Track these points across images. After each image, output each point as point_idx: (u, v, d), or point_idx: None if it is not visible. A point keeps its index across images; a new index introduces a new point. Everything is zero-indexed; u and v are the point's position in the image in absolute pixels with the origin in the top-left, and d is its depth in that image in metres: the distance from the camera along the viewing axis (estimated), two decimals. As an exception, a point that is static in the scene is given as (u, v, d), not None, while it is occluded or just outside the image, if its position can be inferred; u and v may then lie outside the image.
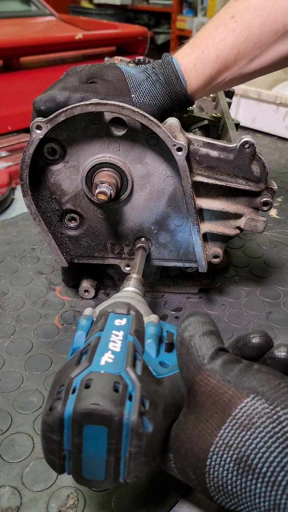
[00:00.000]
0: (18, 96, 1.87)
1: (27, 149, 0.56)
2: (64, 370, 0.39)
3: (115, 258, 0.69)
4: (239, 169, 0.60)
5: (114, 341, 0.39)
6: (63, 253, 0.67)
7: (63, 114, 0.54)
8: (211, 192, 0.62)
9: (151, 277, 0.76)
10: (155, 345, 0.42)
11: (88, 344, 0.40)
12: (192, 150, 0.58)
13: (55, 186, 0.62)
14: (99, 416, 0.33)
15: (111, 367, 0.36)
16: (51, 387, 0.38)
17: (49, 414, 0.35)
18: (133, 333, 0.41)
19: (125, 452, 0.35)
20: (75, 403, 0.34)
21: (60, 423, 0.34)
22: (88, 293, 0.75)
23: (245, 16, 0.57)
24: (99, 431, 0.34)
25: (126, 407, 0.34)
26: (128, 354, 0.38)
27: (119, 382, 0.35)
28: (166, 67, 0.58)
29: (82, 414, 0.33)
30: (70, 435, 0.34)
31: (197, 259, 0.66)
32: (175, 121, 0.57)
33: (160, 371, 0.40)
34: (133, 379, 0.36)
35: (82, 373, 0.36)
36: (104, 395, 0.34)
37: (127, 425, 0.34)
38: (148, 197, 0.62)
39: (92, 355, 0.38)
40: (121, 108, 0.53)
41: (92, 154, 0.59)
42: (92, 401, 0.33)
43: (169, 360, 0.42)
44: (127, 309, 0.44)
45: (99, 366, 0.36)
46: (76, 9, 4.64)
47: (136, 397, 0.35)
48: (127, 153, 0.59)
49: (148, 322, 0.44)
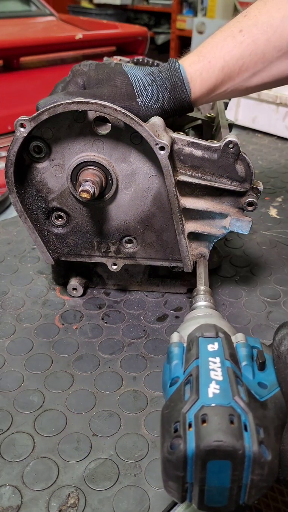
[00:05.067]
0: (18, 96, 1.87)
1: (12, 147, 0.57)
2: (172, 404, 0.39)
3: (102, 257, 0.69)
4: (223, 168, 0.60)
5: (214, 369, 0.40)
6: (49, 250, 0.67)
7: (46, 112, 0.54)
8: (195, 192, 0.62)
9: (140, 277, 0.76)
10: (251, 367, 0.42)
11: (189, 375, 0.40)
12: (176, 149, 0.59)
13: (41, 184, 0.63)
14: (223, 452, 0.34)
15: (220, 398, 0.37)
16: (163, 423, 0.38)
17: (171, 452, 0.35)
18: (229, 358, 0.41)
19: (247, 480, 0.35)
20: (197, 441, 0.34)
21: (184, 461, 0.35)
22: (76, 291, 0.76)
23: (252, 31, 0.60)
24: (223, 465, 0.35)
25: (245, 439, 0.35)
26: (231, 382, 0.38)
27: (233, 414, 0.36)
28: (173, 73, 0.59)
29: (206, 451, 0.34)
30: (193, 470, 0.35)
31: (182, 259, 0.66)
32: (159, 120, 0.57)
33: (261, 393, 0.40)
34: (244, 408, 0.36)
35: (193, 407, 0.37)
36: (224, 431, 0.34)
37: (249, 456, 0.34)
38: (133, 196, 0.62)
39: (197, 386, 0.38)
40: (103, 106, 0.53)
41: (77, 152, 0.60)
42: (214, 438, 0.34)
43: (265, 379, 0.42)
44: (216, 332, 0.44)
45: (208, 399, 0.37)
46: (76, 9, 4.64)
47: (251, 427, 0.36)
48: (111, 152, 0.59)
49: (238, 343, 0.44)
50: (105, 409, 0.56)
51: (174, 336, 0.46)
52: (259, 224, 1.00)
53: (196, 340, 0.44)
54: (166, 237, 0.66)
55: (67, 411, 0.56)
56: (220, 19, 3.63)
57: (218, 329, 0.45)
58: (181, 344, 0.45)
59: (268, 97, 1.48)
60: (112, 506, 0.46)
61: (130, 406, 0.57)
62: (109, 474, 0.49)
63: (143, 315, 0.73)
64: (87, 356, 0.64)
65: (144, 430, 0.54)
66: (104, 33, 2.44)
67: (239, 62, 0.61)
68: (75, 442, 0.52)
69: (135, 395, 0.58)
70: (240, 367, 0.42)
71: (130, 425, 0.55)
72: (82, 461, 0.50)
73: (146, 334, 0.69)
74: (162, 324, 0.71)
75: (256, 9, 0.62)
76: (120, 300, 0.76)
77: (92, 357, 0.64)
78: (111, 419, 0.55)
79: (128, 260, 0.69)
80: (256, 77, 0.63)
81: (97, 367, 0.62)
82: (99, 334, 0.68)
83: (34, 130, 0.56)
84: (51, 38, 2.22)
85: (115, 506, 0.46)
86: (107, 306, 0.75)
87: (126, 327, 0.70)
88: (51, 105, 0.54)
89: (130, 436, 0.53)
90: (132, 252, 0.68)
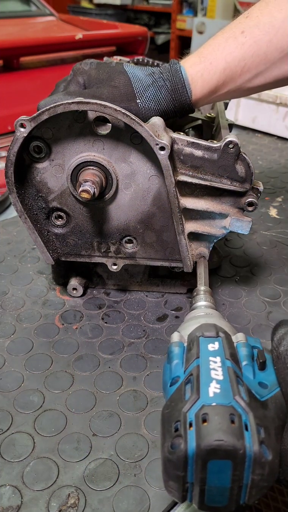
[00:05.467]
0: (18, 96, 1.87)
1: (12, 147, 0.57)
2: (172, 404, 0.39)
3: (102, 257, 0.69)
4: (223, 169, 0.60)
5: (215, 369, 0.40)
6: (49, 250, 0.67)
7: (46, 112, 0.54)
8: (195, 192, 0.62)
9: (140, 277, 0.76)
10: (251, 367, 0.42)
11: (190, 374, 0.40)
12: (176, 149, 0.59)
13: (41, 184, 0.63)
14: (224, 452, 0.34)
15: (221, 397, 0.37)
16: (164, 423, 0.38)
17: (172, 452, 0.35)
18: (229, 358, 0.41)
19: (248, 480, 0.35)
20: (198, 440, 0.34)
21: (184, 461, 0.35)
22: (76, 291, 0.76)
23: (254, 32, 0.60)
24: (224, 465, 0.35)
25: (246, 438, 0.35)
26: (232, 381, 0.38)
27: (234, 413, 0.36)
28: (174, 74, 0.59)
29: (207, 451, 0.34)
30: (194, 470, 0.35)
31: (182, 259, 0.66)
32: (159, 120, 0.57)
33: (262, 392, 0.40)
34: (244, 408, 0.36)
35: (193, 406, 0.37)
36: (224, 430, 0.34)
37: (249, 456, 0.34)
38: (133, 196, 0.62)
39: (198, 386, 0.38)
40: (103, 107, 0.53)
41: (77, 152, 0.60)
42: (215, 437, 0.34)
43: (266, 379, 0.42)
44: (216, 331, 0.44)
45: (209, 398, 0.37)
46: (76, 9, 4.64)
47: (252, 426, 0.35)
48: (111, 152, 0.59)
49: (238, 343, 0.44)
50: (105, 409, 0.56)
51: (175, 336, 0.46)
52: (259, 224, 1.00)
53: (197, 339, 0.44)
54: (166, 237, 0.66)
55: (67, 411, 0.56)
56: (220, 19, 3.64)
57: (219, 329, 0.45)
58: (182, 343, 0.45)
59: (268, 97, 1.48)
60: (112, 506, 0.46)
61: (130, 406, 0.57)
62: (109, 474, 0.49)
63: (143, 315, 0.73)
64: (87, 356, 0.64)
65: (144, 430, 0.54)
66: (104, 33, 2.44)
67: (241, 63, 0.61)
68: (75, 442, 0.52)
69: (135, 395, 0.58)
70: (241, 366, 0.42)
71: (130, 425, 0.55)
72: (82, 461, 0.50)
73: (146, 334, 0.69)
74: (162, 324, 0.71)
75: (258, 10, 0.62)
76: (120, 300, 0.76)
77: (92, 357, 0.64)
78: (111, 419, 0.55)
79: (128, 260, 0.69)
80: (258, 78, 0.63)
81: (97, 367, 0.62)
82: (99, 334, 0.68)
83: (34, 130, 0.56)
84: (51, 38, 2.22)
85: (115, 506, 0.46)
86: (107, 306, 0.75)
87: (126, 327, 0.70)
88: (51, 105, 0.54)
89: (130, 436, 0.53)
90: (132, 252, 0.68)
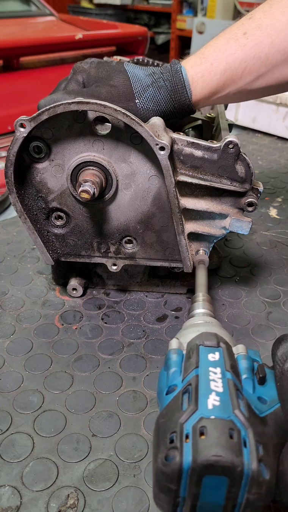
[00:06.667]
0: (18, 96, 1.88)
1: (12, 147, 0.57)
2: (168, 414, 0.37)
3: (102, 257, 0.69)
4: (223, 169, 0.60)
5: (215, 380, 0.38)
6: (49, 251, 0.67)
7: (46, 112, 0.54)
8: (195, 192, 0.62)
9: (139, 277, 0.76)
10: (251, 381, 0.41)
11: (188, 384, 0.39)
12: (176, 150, 0.59)
13: (41, 184, 0.63)
14: (221, 468, 0.33)
15: (220, 411, 0.36)
16: (159, 433, 0.37)
17: (166, 464, 0.34)
18: (230, 369, 0.40)
19: (243, 499, 0.34)
20: (194, 454, 0.33)
21: (178, 474, 0.33)
22: (76, 291, 0.76)
23: (256, 34, 0.59)
24: (219, 481, 0.33)
25: (244, 455, 0.33)
26: (232, 394, 0.37)
27: (233, 428, 0.35)
28: (174, 75, 0.59)
29: (204, 466, 0.33)
30: (187, 484, 0.34)
31: (182, 259, 0.66)
32: (158, 120, 0.57)
33: (261, 408, 0.39)
34: (244, 423, 0.35)
35: (191, 418, 0.35)
36: (223, 445, 0.33)
37: (247, 474, 0.33)
38: (133, 196, 0.62)
39: (196, 397, 0.37)
40: (103, 106, 0.53)
41: (77, 152, 0.59)
42: (213, 452, 0.33)
43: (265, 394, 0.41)
44: (217, 341, 0.43)
45: (208, 411, 0.35)
46: (76, 9, 4.64)
47: (251, 443, 0.34)
48: (111, 152, 0.59)
49: (239, 355, 0.43)
50: (105, 410, 0.56)
51: (173, 343, 0.45)
52: (259, 224, 1.00)
53: (197, 348, 0.42)
54: (166, 237, 0.66)
55: (67, 412, 0.56)
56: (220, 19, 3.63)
57: (220, 339, 0.44)
58: (180, 351, 0.44)
59: (268, 97, 1.48)
60: (111, 507, 0.46)
61: (129, 406, 0.57)
62: (108, 475, 0.49)
63: (142, 316, 0.73)
64: (87, 357, 0.64)
65: (144, 430, 0.54)
66: (104, 33, 2.44)
67: (242, 65, 0.60)
68: (74, 443, 0.52)
69: (134, 396, 0.58)
70: (241, 379, 0.40)
71: (129, 425, 0.55)
72: (82, 461, 0.50)
73: (146, 335, 0.69)
74: (162, 325, 0.71)
75: (261, 12, 0.61)
76: (120, 300, 0.76)
77: (91, 358, 0.64)
78: (111, 420, 0.55)
79: (128, 261, 0.69)
80: (259, 80, 0.62)
81: (97, 368, 0.62)
82: (98, 335, 0.68)
83: (34, 130, 0.56)
84: (51, 38, 2.22)
85: (114, 506, 0.46)
86: (107, 307, 0.75)
87: (125, 328, 0.70)
88: (51, 105, 0.54)
89: (130, 436, 0.53)
90: (132, 252, 0.68)
